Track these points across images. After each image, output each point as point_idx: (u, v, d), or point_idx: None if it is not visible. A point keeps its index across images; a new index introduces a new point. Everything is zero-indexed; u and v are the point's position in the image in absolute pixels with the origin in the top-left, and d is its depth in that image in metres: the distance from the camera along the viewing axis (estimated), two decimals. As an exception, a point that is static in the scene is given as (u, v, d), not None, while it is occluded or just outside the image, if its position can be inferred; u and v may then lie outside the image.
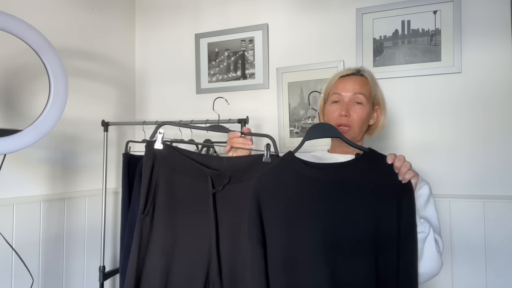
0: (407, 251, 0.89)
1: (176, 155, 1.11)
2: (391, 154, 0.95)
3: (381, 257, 0.90)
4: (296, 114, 1.99)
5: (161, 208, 1.09)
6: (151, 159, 1.09)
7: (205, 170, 1.09)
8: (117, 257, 2.13)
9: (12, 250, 1.49)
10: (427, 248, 0.98)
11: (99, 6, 2.10)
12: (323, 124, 1.08)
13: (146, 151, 1.10)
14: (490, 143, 1.66)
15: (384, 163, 0.94)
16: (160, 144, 1.09)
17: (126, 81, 2.31)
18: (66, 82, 1.31)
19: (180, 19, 2.28)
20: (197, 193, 1.10)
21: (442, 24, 1.73)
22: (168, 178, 1.10)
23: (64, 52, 1.85)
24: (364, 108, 1.19)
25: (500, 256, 1.61)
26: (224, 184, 1.08)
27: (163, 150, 1.09)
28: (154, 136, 1.10)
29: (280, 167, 0.99)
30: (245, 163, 1.09)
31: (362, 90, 1.19)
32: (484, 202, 1.63)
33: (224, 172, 1.08)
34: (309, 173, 0.97)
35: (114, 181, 2.13)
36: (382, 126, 1.27)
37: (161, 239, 1.08)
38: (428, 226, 0.99)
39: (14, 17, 1.19)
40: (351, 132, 1.18)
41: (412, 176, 0.91)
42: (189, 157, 1.11)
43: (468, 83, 1.70)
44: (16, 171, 1.62)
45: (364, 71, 1.25)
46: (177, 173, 1.10)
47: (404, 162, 0.92)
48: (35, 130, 1.25)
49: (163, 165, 1.10)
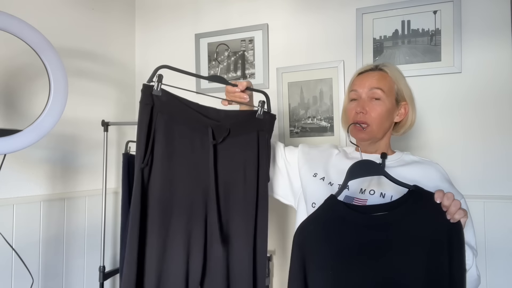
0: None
1: (176, 102, 1.04)
2: (438, 191, 0.90)
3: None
4: (296, 114, 1.99)
5: (159, 158, 1.02)
6: (149, 105, 1.00)
7: (205, 121, 1.06)
8: (117, 257, 2.13)
9: (12, 250, 1.49)
10: (470, 280, 0.94)
11: (99, 6, 2.10)
12: (363, 161, 1.00)
13: (143, 96, 1.00)
14: (490, 143, 1.66)
15: (431, 201, 0.89)
16: (158, 90, 1.00)
17: (126, 81, 2.30)
18: (66, 82, 1.31)
19: (180, 19, 2.28)
20: (195, 144, 1.06)
21: (442, 24, 1.73)
22: (167, 127, 1.03)
23: (64, 52, 1.85)
24: (383, 103, 1.11)
25: (500, 256, 1.61)
26: (224, 136, 1.07)
27: (162, 96, 1.01)
28: (151, 80, 1.00)
29: (323, 214, 0.95)
30: (241, 117, 1.11)
31: (379, 85, 1.11)
32: (484, 202, 1.63)
33: (224, 124, 1.07)
34: (354, 219, 0.93)
35: (114, 181, 2.13)
36: (411, 123, 1.18)
37: (159, 191, 1.02)
38: (472, 255, 0.95)
39: (14, 17, 1.19)
40: (369, 130, 1.11)
41: (463, 216, 0.87)
42: (188, 106, 1.06)
43: (468, 83, 1.70)
44: (16, 171, 1.61)
45: (385, 65, 1.17)
46: (175, 122, 1.04)
47: (453, 201, 0.87)
48: (35, 130, 1.25)
49: (161, 112, 1.02)
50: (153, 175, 1.02)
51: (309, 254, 0.92)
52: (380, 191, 1.07)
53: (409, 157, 1.16)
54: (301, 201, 1.20)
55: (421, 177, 1.07)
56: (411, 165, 1.12)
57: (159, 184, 1.02)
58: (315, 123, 1.95)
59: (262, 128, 1.15)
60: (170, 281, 1.02)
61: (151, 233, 1.02)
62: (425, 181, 1.05)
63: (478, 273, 0.98)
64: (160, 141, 1.02)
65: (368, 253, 0.90)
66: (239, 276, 1.08)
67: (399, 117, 1.16)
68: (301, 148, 1.27)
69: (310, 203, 1.14)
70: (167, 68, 1.05)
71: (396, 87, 1.14)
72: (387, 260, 0.89)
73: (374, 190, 1.08)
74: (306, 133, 1.96)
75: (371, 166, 0.98)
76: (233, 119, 1.10)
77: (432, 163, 1.14)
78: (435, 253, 0.87)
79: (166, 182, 1.03)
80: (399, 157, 1.16)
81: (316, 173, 1.17)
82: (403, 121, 1.18)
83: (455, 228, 0.87)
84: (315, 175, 1.17)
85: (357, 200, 1.07)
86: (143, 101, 1.00)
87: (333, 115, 1.91)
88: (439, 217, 0.88)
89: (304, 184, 1.19)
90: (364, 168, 0.97)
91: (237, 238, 1.09)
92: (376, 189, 1.07)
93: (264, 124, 1.16)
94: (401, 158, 1.16)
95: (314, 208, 1.10)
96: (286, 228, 1.96)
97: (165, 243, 1.03)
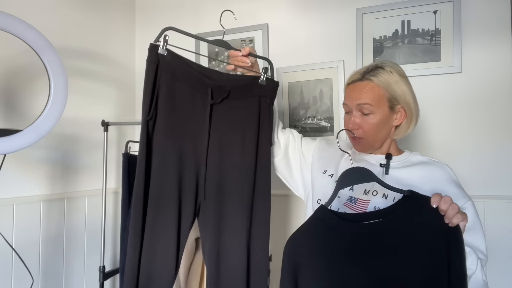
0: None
1: (179, 62, 1.10)
2: (435, 195, 0.86)
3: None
4: (296, 114, 1.99)
5: (162, 114, 1.08)
6: (155, 63, 1.06)
7: (206, 81, 1.11)
8: (117, 257, 2.13)
9: (12, 250, 1.49)
10: (475, 286, 0.92)
11: (99, 6, 2.10)
12: (356, 168, 0.97)
13: (149, 54, 1.06)
14: (490, 143, 1.66)
15: (427, 206, 0.85)
16: (164, 50, 1.06)
17: (126, 81, 2.30)
18: (66, 82, 1.31)
19: (180, 19, 2.28)
20: (195, 103, 1.11)
21: (442, 24, 1.73)
22: (169, 84, 1.08)
23: (64, 52, 1.85)
24: (374, 116, 1.07)
25: (500, 256, 1.61)
26: (223, 97, 1.11)
27: (167, 56, 1.07)
28: (158, 40, 1.06)
29: (313, 226, 0.92)
30: (243, 81, 1.15)
31: (366, 99, 1.06)
32: (484, 202, 1.63)
33: (224, 85, 1.11)
34: (345, 228, 0.89)
35: (114, 181, 2.13)
36: (412, 126, 1.12)
37: (163, 141, 1.08)
38: (476, 259, 0.92)
39: (14, 17, 1.19)
40: (365, 143, 1.10)
41: (461, 220, 0.83)
42: (191, 67, 1.11)
43: (468, 83, 1.70)
44: (16, 171, 1.61)
45: (373, 71, 1.08)
46: (178, 80, 1.09)
47: (451, 204, 0.84)
48: (35, 130, 1.25)
49: (165, 70, 1.08)
50: (156, 127, 1.08)
51: (299, 266, 0.90)
52: (383, 192, 1.06)
53: (417, 157, 1.14)
54: (309, 195, 1.21)
55: (424, 178, 1.06)
56: (417, 166, 1.11)
57: (162, 134, 1.08)
58: (315, 123, 1.95)
59: (264, 94, 1.18)
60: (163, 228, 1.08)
61: (153, 180, 1.08)
62: (428, 182, 1.04)
63: (484, 278, 0.94)
64: (163, 96, 1.08)
65: (361, 263, 0.86)
66: (232, 232, 1.12)
67: (398, 120, 1.11)
68: (319, 143, 1.27)
69: (316, 199, 1.15)
70: (173, 30, 1.11)
71: (388, 94, 1.07)
72: (380, 270, 0.85)
73: (377, 191, 1.07)
74: (306, 133, 1.96)
75: (363, 173, 0.94)
76: (234, 82, 1.14)
77: (441, 164, 1.11)
78: (432, 260, 0.83)
79: (167, 132, 1.09)
80: (406, 158, 1.14)
81: (326, 170, 1.18)
82: (403, 123, 1.14)
83: (453, 232, 0.83)
84: (325, 172, 1.18)
85: (360, 201, 1.07)
86: (149, 59, 1.07)
87: (333, 115, 1.91)
88: (436, 222, 0.85)
89: (314, 179, 1.20)
90: (355, 176, 0.94)
91: (232, 195, 1.13)
92: (379, 190, 1.07)
93: (266, 90, 1.18)
94: (407, 159, 1.14)
95: (319, 204, 1.10)
96: (289, 225, 1.96)
97: (161, 192, 1.08)
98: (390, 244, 0.86)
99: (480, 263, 0.94)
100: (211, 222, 1.11)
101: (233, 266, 1.11)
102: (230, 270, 1.11)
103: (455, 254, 0.83)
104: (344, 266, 0.87)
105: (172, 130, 1.09)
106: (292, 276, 0.90)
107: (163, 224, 1.07)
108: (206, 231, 1.12)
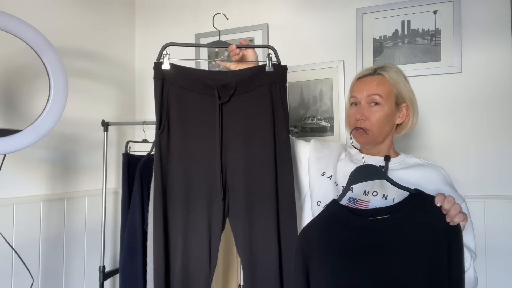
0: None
1: (183, 73, 1.16)
2: (439, 195, 0.91)
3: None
4: (296, 114, 1.99)
5: (174, 123, 1.15)
6: (161, 79, 1.14)
7: (211, 84, 1.15)
8: (117, 257, 2.13)
9: (12, 250, 1.49)
10: (467, 282, 0.95)
11: (99, 6, 2.10)
12: (366, 166, 1.01)
13: (155, 72, 1.14)
14: (490, 143, 1.66)
15: (432, 205, 0.91)
16: (167, 64, 1.14)
17: (126, 81, 2.31)
18: (66, 82, 1.31)
19: (180, 19, 2.28)
20: (205, 107, 1.16)
21: (442, 24, 1.73)
22: (178, 95, 1.15)
23: (64, 52, 1.85)
24: (382, 109, 1.12)
25: (500, 256, 1.61)
26: (230, 94, 1.15)
27: (170, 70, 1.14)
28: (160, 57, 1.14)
29: (325, 219, 0.96)
30: (248, 73, 1.17)
31: (377, 91, 1.12)
32: (484, 202, 1.63)
33: (229, 83, 1.15)
34: (356, 223, 0.95)
35: (114, 181, 2.13)
36: (412, 125, 1.18)
37: (178, 149, 1.15)
38: (470, 257, 0.97)
39: (14, 17, 1.19)
40: (370, 135, 1.13)
41: (462, 219, 0.88)
42: (195, 74, 1.17)
43: (468, 83, 1.70)
44: (16, 171, 1.62)
45: (384, 68, 1.16)
46: (185, 90, 1.16)
47: (453, 204, 0.89)
48: (35, 130, 1.25)
49: (171, 84, 1.15)
50: (171, 136, 1.15)
51: (311, 258, 0.94)
52: (383, 193, 1.08)
53: (413, 159, 1.17)
54: (307, 198, 1.21)
55: (422, 180, 1.07)
56: (414, 168, 1.13)
57: (178, 142, 1.15)
58: (315, 123, 1.95)
59: (274, 80, 1.18)
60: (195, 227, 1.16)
61: (174, 188, 1.15)
62: (426, 183, 1.05)
63: (475, 275, 1.00)
64: (174, 107, 1.15)
65: (369, 256, 0.91)
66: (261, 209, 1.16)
67: (401, 118, 1.17)
68: (313, 145, 1.28)
69: (316, 201, 1.15)
70: (172, 45, 1.17)
71: (396, 90, 1.14)
72: (388, 263, 0.90)
73: (376, 192, 1.09)
74: (306, 133, 1.96)
75: (374, 170, 0.99)
76: (238, 77, 1.16)
77: (436, 167, 1.15)
78: (435, 256, 0.88)
79: (181, 141, 1.16)
80: (403, 159, 1.17)
81: (324, 172, 1.19)
82: (404, 122, 1.18)
83: (454, 231, 0.88)
84: (323, 174, 1.19)
85: (360, 202, 1.08)
86: (155, 76, 1.14)
87: (333, 115, 1.91)
88: (439, 220, 0.89)
89: (312, 182, 1.20)
90: (366, 172, 0.99)
91: (258, 188, 1.16)
92: (379, 191, 1.09)
93: (275, 77, 1.19)
94: (405, 161, 1.16)
95: (319, 206, 1.11)
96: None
97: (189, 197, 1.16)
98: (396, 239, 0.91)
99: (473, 261, 0.98)
100: (241, 217, 1.15)
101: (266, 256, 1.15)
102: (264, 260, 1.15)
103: (456, 251, 0.88)
104: (353, 260, 0.92)
105: (186, 137, 1.16)
106: (303, 267, 0.94)
107: (194, 223, 1.15)
108: (238, 226, 1.16)
